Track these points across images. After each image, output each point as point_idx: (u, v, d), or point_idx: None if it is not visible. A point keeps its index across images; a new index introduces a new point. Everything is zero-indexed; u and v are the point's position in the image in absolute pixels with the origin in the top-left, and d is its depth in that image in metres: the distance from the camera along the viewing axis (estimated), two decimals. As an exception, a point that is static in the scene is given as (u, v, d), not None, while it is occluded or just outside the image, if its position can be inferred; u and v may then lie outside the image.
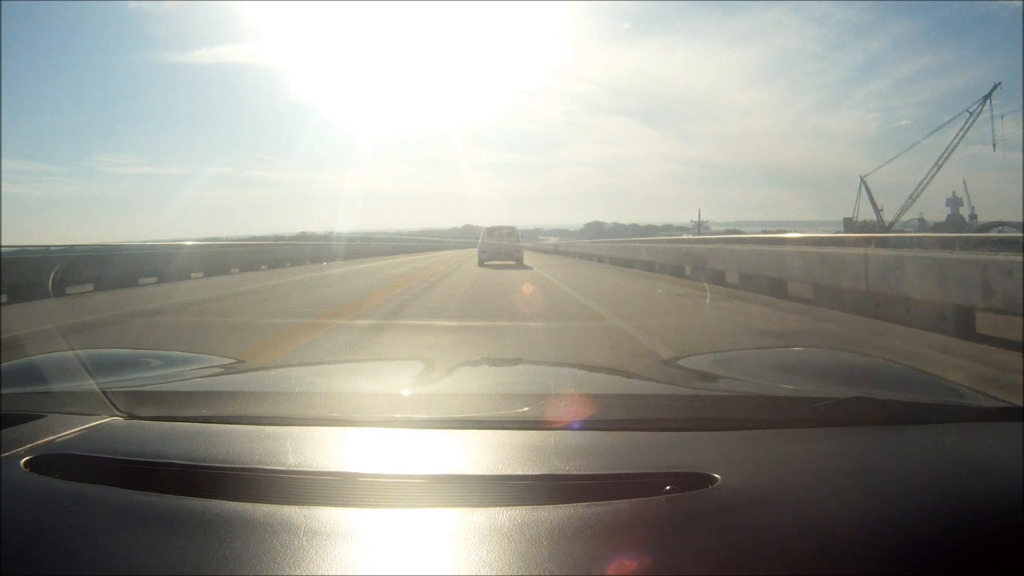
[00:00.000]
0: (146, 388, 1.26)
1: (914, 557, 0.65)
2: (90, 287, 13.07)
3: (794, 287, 10.39)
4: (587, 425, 0.95)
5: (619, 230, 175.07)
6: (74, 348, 1.63)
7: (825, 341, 6.26)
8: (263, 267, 21.58)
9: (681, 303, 10.16)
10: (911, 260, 7.27)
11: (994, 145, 63.12)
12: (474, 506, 0.73)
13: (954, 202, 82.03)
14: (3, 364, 1.40)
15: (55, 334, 6.66)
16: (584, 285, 13.42)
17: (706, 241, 18.83)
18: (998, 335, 6.13)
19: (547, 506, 0.72)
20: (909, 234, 36.73)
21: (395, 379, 1.49)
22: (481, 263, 21.59)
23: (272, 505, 0.74)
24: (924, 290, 6.88)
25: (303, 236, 53.64)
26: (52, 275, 11.76)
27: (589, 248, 34.95)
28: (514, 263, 21.66)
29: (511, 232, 23.74)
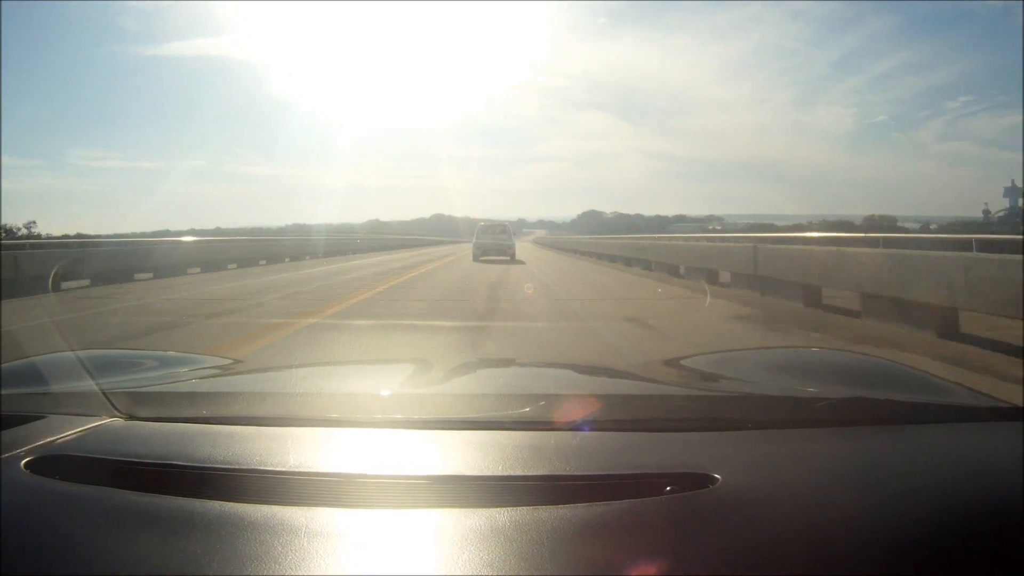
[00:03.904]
0: (146, 389, 1.26)
1: (914, 557, 0.65)
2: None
3: None
4: (587, 425, 0.95)
5: (624, 222, 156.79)
6: (74, 348, 1.63)
7: None
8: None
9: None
10: None
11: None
12: (475, 507, 0.73)
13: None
14: (3, 364, 1.40)
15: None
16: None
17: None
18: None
19: (548, 506, 0.72)
20: None
21: (395, 380, 1.49)
22: (476, 259, 22.00)
23: (272, 506, 0.74)
24: None
25: (257, 231, 52.44)
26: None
27: (614, 249, 24.47)
28: (508, 259, 22.05)
29: (504, 229, 24.38)
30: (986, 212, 67.74)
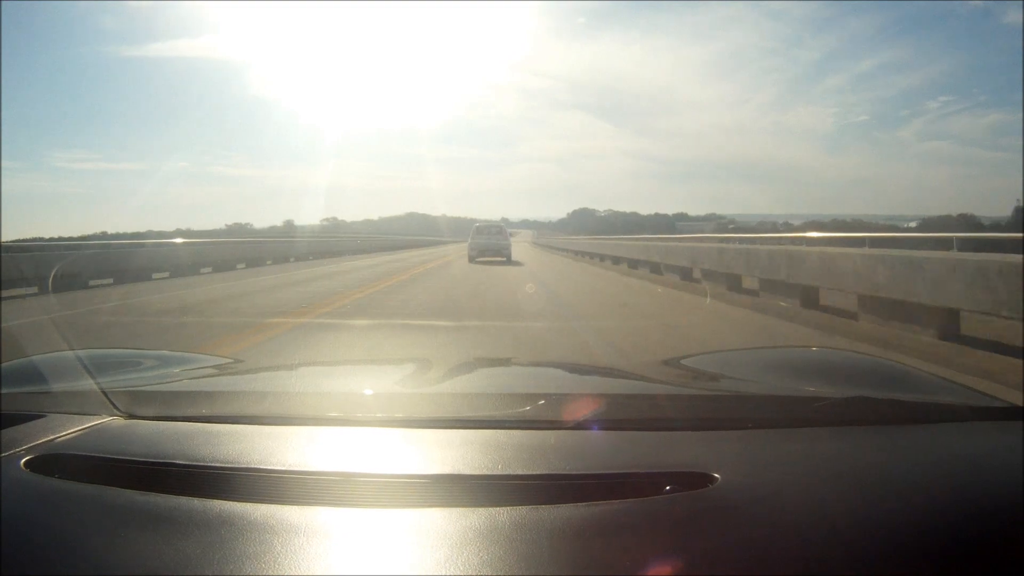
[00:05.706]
0: (146, 388, 1.26)
1: (914, 556, 0.65)
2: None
3: None
4: (587, 425, 0.95)
5: (620, 220, 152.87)
6: (74, 348, 1.63)
7: None
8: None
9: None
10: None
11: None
12: (474, 506, 0.73)
13: None
14: (3, 364, 1.40)
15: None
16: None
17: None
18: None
19: (547, 506, 0.72)
20: None
21: (394, 379, 1.48)
22: (472, 260, 21.80)
23: (272, 505, 0.74)
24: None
25: (211, 232, 51.62)
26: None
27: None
28: (503, 259, 21.86)
29: (500, 230, 24.38)
30: (1018, 210, 65.66)
